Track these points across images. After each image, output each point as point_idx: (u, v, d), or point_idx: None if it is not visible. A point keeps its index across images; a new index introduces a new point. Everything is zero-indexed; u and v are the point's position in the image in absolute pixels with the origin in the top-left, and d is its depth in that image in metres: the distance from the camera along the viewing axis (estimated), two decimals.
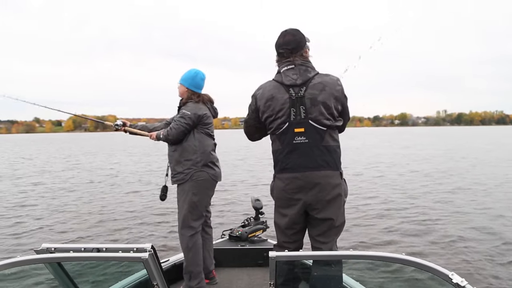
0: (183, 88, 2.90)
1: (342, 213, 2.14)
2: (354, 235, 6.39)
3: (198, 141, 2.81)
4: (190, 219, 2.78)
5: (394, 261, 1.30)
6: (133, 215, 8.06)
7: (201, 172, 2.78)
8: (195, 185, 2.77)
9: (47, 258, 1.41)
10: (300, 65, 2.09)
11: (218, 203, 8.66)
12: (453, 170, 15.18)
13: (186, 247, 2.78)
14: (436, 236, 6.26)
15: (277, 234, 2.25)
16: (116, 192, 10.99)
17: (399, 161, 19.24)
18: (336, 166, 2.09)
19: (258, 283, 2.93)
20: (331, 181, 2.06)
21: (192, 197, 2.77)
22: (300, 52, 2.11)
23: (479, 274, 4.65)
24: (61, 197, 10.24)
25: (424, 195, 9.95)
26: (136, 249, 1.34)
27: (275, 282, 1.43)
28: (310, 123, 2.03)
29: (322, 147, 2.05)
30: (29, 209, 8.74)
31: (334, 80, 2.10)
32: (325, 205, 2.07)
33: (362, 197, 9.68)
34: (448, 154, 22.91)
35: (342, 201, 2.12)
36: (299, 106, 2.04)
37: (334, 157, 2.09)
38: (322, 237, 2.13)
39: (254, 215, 3.82)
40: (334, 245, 2.16)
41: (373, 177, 13.51)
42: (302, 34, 2.15)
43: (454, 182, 12.12)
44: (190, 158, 2.79)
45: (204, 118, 2.83)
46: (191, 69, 2.95)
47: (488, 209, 8.19)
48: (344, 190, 2.14)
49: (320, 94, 2.03)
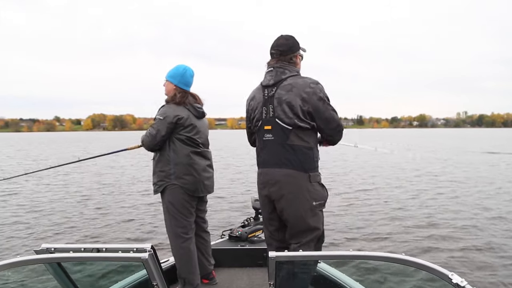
0: (171, 86, 2.72)
1: (312, 218, 2.11)
2: (355, 235, 6.40)
3: (173, 151, 2.63)
4: (176, 227, 2.69)
5: (394, 261, 1.30)
6: (133, 215, 8.05)
7: (173, 185, 2.63)
8: (169, 197, 2.66)
9: (47, 258, 1.41)
10: (278, 68, 2.20)
11: (218, 203, 8.66)
12: (458, 170, 15.19)
13: (176, 254, 2.73)
14: (436, 236, 6.26)
15: (263, 229, 2.41)
16: (116, 192, 10.99)
17: (402, 162, 19.24)
18: (302, 167, 2.10)
19: (258, 283, 2.93)
20: (292, 181, 2.09)
21: (170, 206, 2.67)
22: (289, 56, 2.23)
23: (479, 274, 4.65)
24: (61, 197, 10.24)
25: (425, 194, 9.96)
26: (136, 249, 1.34)
27: (275, 282, 1.42)
28: (276, 122, 2.14)
29: (286, 145, 2.12)
30: (29, 208, 8.73)
31: (306, 82, 2.13)
32: (286, 204, 2.13)
33: (362, 197, 9.69)
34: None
35: (309, 205, 2.10)
36: (269, 105, 2.17)
37: (300, 157, 2.10)
38: (292, 238, 2.17)
39: (253, 215, 3.82)
40: (310, 250, 2.10)
41: (371, 176, 13.52)
42: (295, 41, 2.27)
43: (456, 182, 12.13)
44: (163, 170, 2.65)
45: (181, 122, 2.62)
46: (179, 65, 2.76)
47: (489, 209, 8.19)
48: (311, 193, 2.11)
49: (286, 94, 2.12)
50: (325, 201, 2.18)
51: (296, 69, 2.23)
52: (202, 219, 2.93)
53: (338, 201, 9.19)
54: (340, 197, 9.70)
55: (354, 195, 10.00)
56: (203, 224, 2.94)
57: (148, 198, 9.88)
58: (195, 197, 2.74)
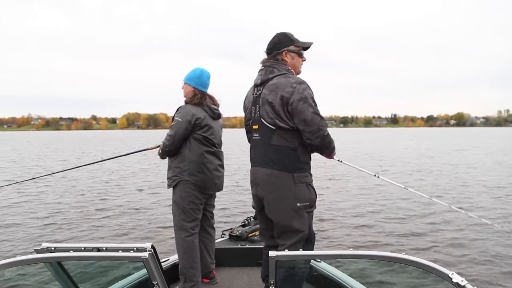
0: (189, 88, 2.84)
1: (296, 219, 2.08)
2: (355, 234, 6.40)
3: (188, 149, 2.75)
4: (183, 221, 2.77)
5: (394, 260, 1.29)
6: (134, 214, 8.06)
7: (186, 180, 2.74)
8: (180, 191, 2.76)
9: (47, 257, 1.41)
10: (267, 66, 2.19)
11: (219, 203, 8.65)
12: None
13: (180, 248, 2.78)
14: (436, 235, 6.26)
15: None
16: (116, 192, 10.99)
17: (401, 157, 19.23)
18: (285, 167, 2.07)
19: (258, 283, 2.93)
20: (274, 181, 2.09)
21: (181, 200, 2.76)
22: (274, 53, 2.19)
23: (479, 273, 4.65)
24: (62, 197, 10.25)
25: (426, 194, 9.95)
26: (136, 249, 1.34)
27: (275, 281, 1.43)
28: (261, 121, 2.14)
29: (270, 145, 2.11)
30: (29, 208, 8.74)
31: (289, 81, 2.08)
32: (269, 203, 2.14)
33: (361, 197, 9.69)
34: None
35: (292, 205, 2.06)
36: (256, 105, 2.18)
37: (283, 158, 2.08)
38: (278, 238, 2.17)
39: (253, 215, 3.82)
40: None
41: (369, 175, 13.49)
42: (283, 38, 2.20)
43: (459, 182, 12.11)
44: (178, 166, 2.77)
45: (198, 122, 2.74)
46: (196, 67, 2.88)
47: (491, 209, 8.19)
48: (296, 194, 2.07)
49: (269, 94, 2.11)
50: (311, 203, 2.11)
51: (285, 67, 2.17)
52: (210, 213, 3.03)
53: (338, 200, 9.20)
54: (340, 197, 9.71)
55: (355, 195, 10.01)
56: (210, 219, 3.03)
57: (149, 198, 9.90)
58: (205, 194, 2.84)
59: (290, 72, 2.17)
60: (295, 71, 2.24)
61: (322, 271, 2.67)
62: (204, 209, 2.91)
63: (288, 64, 2.20)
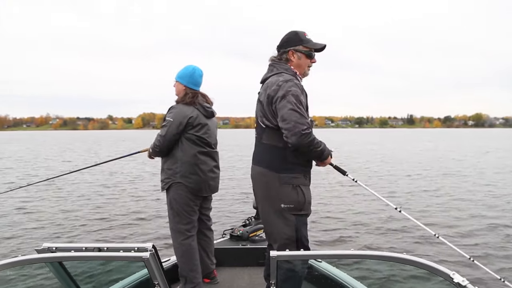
0: (180, 86, 2.77)
1: (281, 220, 2.02)
2: (355, 234, 6.39)
3: (181, 150, 2.68)
4: (178, 224, 2.71)
5: (396, 260, 1.29)
6: (134, 214, 8.06)
7: (178, 183, 2.67)
8: (174, 194, 2.70)
9: (49, 257, 1.42)
10: (271, 65, 2.20)
11: (219, 203, 8.65)
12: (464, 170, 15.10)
13: (177, 252, 2.75)
14: (437, 235, 6.24)
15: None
16: (117, 192, 10.99)
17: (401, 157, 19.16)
18: (273, 167, 2.05)
19: (259, 283, 2.93)
20: (262, 179, 2.11)
21: (174, 203, 2.70)
22: (281, 51, 2.17)
23: (480, 273, 4.64)
24: (62, 196, 10.25)
25: (427, 194, 9.94)
26: (137, 249, 1.34)
27: (276, 281, 1.42)
28: (256, 120, 2.20)
29: (262, 144, 2.14)
30: (30, 208, 8.74)
31: (277, 80, 2.05)
32: (258, 202, 2.17)
33: (361, 198, 9.67)
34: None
35: (276, 206, 2.02)
36: (257, 103, 2.22)
37: (271, 157, 2.07)
38: (269, 239, 2.17)
39: (255, 215, 3.82)
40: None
41: (371, 173, 13.49)
42: (296, 37, 2.14)
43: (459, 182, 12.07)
44: (170, 168, 2.70)
45: (190, 121, 2.66)
46: (188, 65, 2.80)
47: (492, 208, 8.17)
48: (280, 195, 2.02)
49: (262, 94, 2.14)
50: (297, 206, 2.02)
51: (285, 66, 2.12)
52: (206, 217, 2.97)
53: (339, 201, 9.19)
54: (340, 197, 9.70)
55: (355, 194, 10.00)
56: (207, 221, 2.98)
57: (150, 198, 9.89)
58: (200, 196, 2.77)
59: (289, 71, 2.11)
60: (300, 72, 2.17)
61: (323, 271, 2.66)
62: (200, 213, 2.84)
63: (293, 64, 2.15)
